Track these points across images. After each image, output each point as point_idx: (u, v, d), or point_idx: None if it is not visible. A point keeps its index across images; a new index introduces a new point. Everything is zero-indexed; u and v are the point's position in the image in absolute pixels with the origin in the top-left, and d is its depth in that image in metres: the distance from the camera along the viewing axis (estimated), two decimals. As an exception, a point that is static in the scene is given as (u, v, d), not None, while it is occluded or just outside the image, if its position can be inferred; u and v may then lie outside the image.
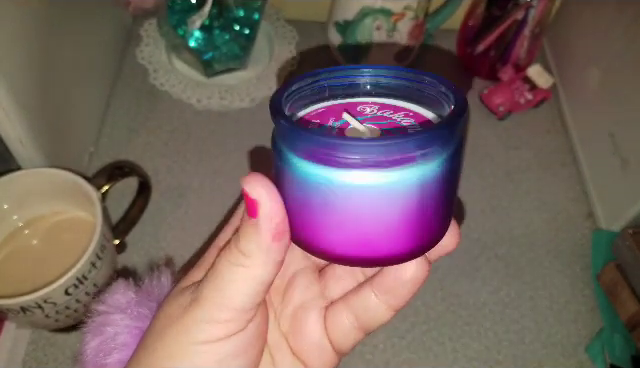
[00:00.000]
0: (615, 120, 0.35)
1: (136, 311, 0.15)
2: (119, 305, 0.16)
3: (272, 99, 0.12)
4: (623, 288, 0.29)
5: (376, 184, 0.10)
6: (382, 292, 0.13)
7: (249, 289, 0.12)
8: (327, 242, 0.11)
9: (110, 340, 0.15)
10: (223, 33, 0.39)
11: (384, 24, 0.35)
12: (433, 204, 0.11)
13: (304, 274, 0.15)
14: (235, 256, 0.12)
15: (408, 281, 0.13)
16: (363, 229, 0.11)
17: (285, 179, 0.12)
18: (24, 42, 0.25)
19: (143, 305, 0.15)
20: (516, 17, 0.38)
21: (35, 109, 0.26)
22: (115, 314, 0.15)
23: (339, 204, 0.11)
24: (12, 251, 0.27)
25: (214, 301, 0.12)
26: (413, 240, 0.11)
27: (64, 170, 0.26)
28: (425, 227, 0.11)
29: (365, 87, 0.13)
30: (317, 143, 0.10)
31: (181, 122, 0.38)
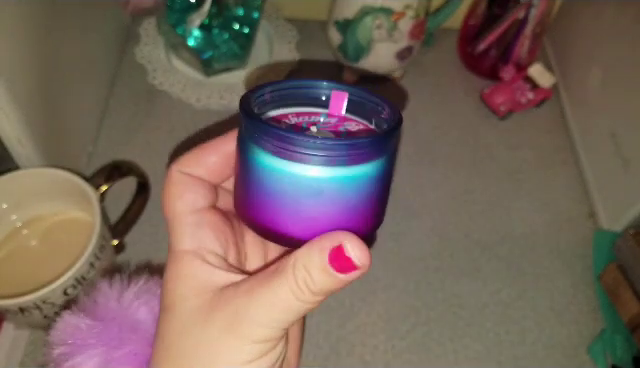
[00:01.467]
0: (616, 120, 0.34)
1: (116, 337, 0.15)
2: (85, 340, 0.15)
3: (242, 99, 0.13)
4: (625, 289, 0.29)
5: (321, 178, 0.12)
6: None
7: (298, 316, 0.12)
8: (278, 224, 0.13)
9: None
10: (222, 32, 0.39)
11: (384, 23, 0.35)
12: (368, 200, 0.13)
13: None
14: (303, 294, 0.12)
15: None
16: (310, 214, 0.12)
17: (250, 171, 0.13)
18: (23, 41, 0.25)
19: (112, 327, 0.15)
20: (517, 16, 0.38)
21: (34, 109, 0.26)
22: (89, 350, 0.15)
23: (292, 193, 0.12)
24: (11, 251, 0.26)
25: (261, 322, 0.12)
26: (357, 227, 0.13)
27: (63, 170, 0.26)
28: (361, 219, 0.13)
29: (322, 99, 0.15)
30: (280, 138, 0.12)
31: (180, 122, 0.38)
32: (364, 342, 0.29)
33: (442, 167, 0.37)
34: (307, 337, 0.29)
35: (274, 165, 0.12)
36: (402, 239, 0.33)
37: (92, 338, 0.15)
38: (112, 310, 0.16)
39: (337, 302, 0.30)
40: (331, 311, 0.30)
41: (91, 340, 0.15)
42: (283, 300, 0.12)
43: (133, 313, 0.16)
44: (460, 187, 0.36)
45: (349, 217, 0.13)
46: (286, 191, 0.12)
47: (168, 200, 0.14)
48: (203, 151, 0.14)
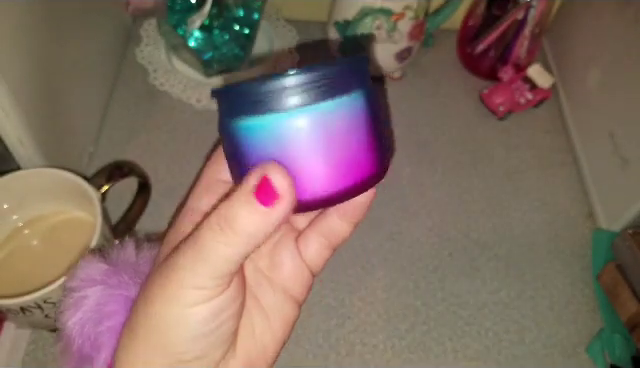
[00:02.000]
0: (615, 120, 0.35)
1: (116, 279, 0.15)
2: (93, 278, 0.16)
3: (213, 91, 0.12)
4: (623, 288, 0.29)
5: (313, 117, 0.11)
6: (342, 214, 0.15)
7: (235, 262, 0.12)
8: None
9: (94, 311, 0.15)
10: (223, 33, 0.39)
11: (384, 24, 0.35)
12: (361, 136, 0.12)
13: None
14: (226, 236, 0.12)
15: (363, 202, 0.15)
16: (324, 163, 0.11)
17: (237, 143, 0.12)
18: (24, 42, 0.25)
19: (121, 273, 0.16)
20: (516, 17, 0.38)
21: (35, 109, 0.26)
22: (93, 287, 0.15)
23: (294, 147, 0.11)
24: (12, 251, 0.27)
25: (196, 271, 0.12)
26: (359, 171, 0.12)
27: (64, 170, 0.26)
28: (358, 158, 0.12)
29: None
30: (254, 91, 0.11)
31: (181, 122, 0.38)
32: (364, 341, 0.29)
33: (441, 167, 0.37)
34: (307, 336, 0.29)
35: (256, 123, 0.11)
36: (401, 239, 0.33)
37: (99, 275, 0.16)
38: (126, 261, 0.17)
39: (337, 301, 0.30)
40: (331, 310, 0.30)
41: (97, 277, 0.16)
42: (205, 246, 0.12)
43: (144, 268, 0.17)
44: (459, 187, 0.36)
45: (344, 159, 0.11)
46: (275, 147, 0.11)
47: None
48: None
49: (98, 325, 0.15)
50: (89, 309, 0.15)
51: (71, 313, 0.15)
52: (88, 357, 0.15)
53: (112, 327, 0.15)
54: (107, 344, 0.15)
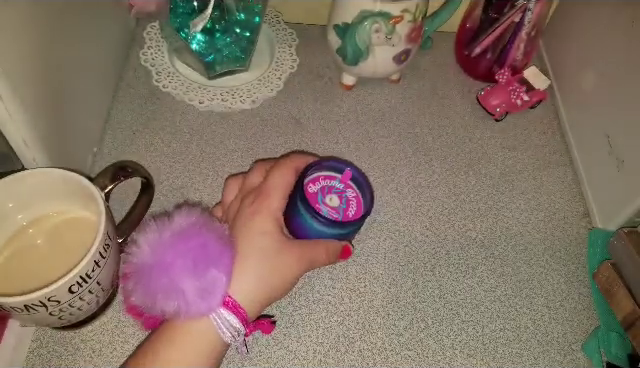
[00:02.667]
0: (611, 121, 0.35)
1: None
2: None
3: (299, 185, 0.27)
4: (619, 287, 0.30)
5: (333, 233, 0.27)
6: None
7: (320, 263, 0.27)
8: None
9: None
10: (224, 36, 0.40)
11: (383, 27, 0.35)
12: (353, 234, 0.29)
13: None
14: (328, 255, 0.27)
15: None
16: None
17: (301, 220, 0.26)
18: (28, 44, 0.26)
19: None
20: (513, 19, 0.39)
21: (39, 110, 0.27)
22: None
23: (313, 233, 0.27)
24: (16, 250, 0.27)
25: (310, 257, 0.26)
26: None
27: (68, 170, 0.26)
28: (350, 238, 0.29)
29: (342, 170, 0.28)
30: (314, 215, 0.26)
31: (183, 123, 0.38)
32: (363, 338, 0.29)
33: (439, 168, 0.38)
34: (307, 334, 0.29)
35: (313, 223, 0.26)
36: (400, 238, 0.34)
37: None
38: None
39: (337, 299, 0.31)
40: (331, 308, 0.30)
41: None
42: (321, 252, 0.26)
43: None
44: (456, 187, 0.37)
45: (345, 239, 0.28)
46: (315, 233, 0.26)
47: (283, 175, 0.26)
48: (305, 158, 0.28)
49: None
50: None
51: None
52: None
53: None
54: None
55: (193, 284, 0.21)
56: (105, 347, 0.28)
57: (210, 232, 0.23)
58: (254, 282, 0.23)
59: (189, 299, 0.21)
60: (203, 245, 0.22)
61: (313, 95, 0.41)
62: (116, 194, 0.33)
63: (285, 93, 0.40)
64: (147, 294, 0.22)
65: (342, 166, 0.28)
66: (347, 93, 0.42)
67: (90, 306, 0.25)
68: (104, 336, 0.28)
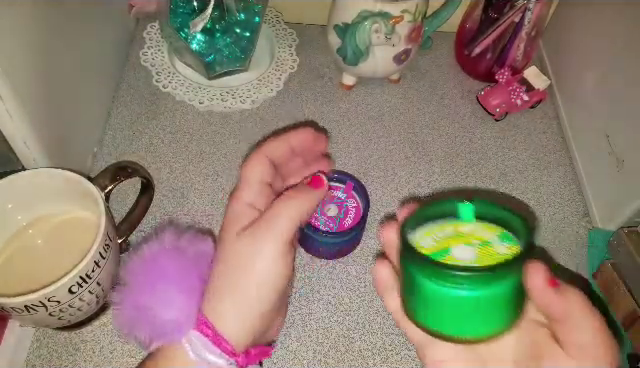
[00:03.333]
0: (610, 121, 0.35)
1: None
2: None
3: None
4: (619, 287, 0.30)
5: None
6: None
7: (307, 209, 0.21)
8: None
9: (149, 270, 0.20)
10: (224, 36, 0.40)
11: (383, 27, 0.35)
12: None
13: None
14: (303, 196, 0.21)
15: None
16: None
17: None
18: (28, 45, 0.26)
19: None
20: (513, 19, 0.39)
21: (39, 110, 0.27)
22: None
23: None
24: (16, 250, 0.27)
25: (288, 215, 0.20)
26: None
27: (68, 170, 0.26)
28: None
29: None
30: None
31: (184, 123, 0.38)
32: (363, 338, 0.29)
33: (439, 168, 0.38)
34: (307, 334, 0.29)
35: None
36: (400, 238, 0.34)
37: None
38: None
39: (337, 299, 0.31)
40: (331, 308, 0.30)
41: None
42: (275, 208, 0.20)
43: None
44: (456, 187, 0.37)
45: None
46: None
47: (250, 166, 0.21)
48: (278, 142, 0.22)
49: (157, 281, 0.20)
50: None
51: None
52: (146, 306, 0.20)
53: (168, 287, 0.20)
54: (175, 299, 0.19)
55: (158, 308, 0.19)
56: (105, 347, 0.28)
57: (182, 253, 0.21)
58: (228, 295, 0.19)
59: (156, 325, 0.19)
60: (165, 268, 0.20)
61: (313, 95, 0.41)
62: (116, 194, 0.33)
63: (285, 93, 0.40)
64: (123, 322, 0.20)
65: (343, 177, 0.27)
66: (347, 93, 0.42)
67: (90, 306, 0.25)
68: (104, 336, 0.28)
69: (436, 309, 0.16)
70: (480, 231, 0.17)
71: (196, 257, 0.21)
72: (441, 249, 0.16)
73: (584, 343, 0.15)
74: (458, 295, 0.15)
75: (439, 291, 0.15)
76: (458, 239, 0.16)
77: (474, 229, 0.17)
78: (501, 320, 0.15)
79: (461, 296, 0.15)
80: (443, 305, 0.15)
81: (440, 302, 0.15)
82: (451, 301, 0.15)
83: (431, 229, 0.17)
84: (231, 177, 0.36)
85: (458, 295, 0.15)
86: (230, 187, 0.35)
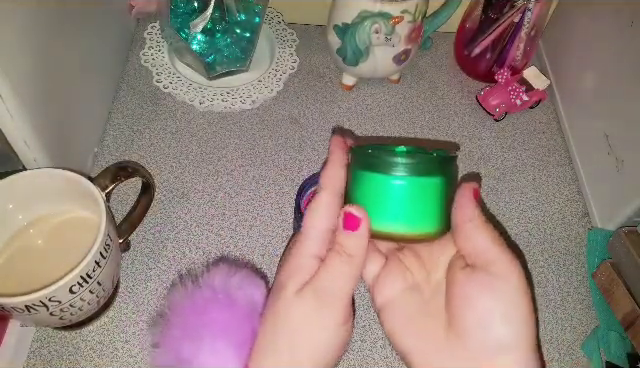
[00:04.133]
0: (610, 121, 0.35)
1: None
2: None
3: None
4: (618, 286, 0.30)
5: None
6: None
7: (352, 280, 0.18)
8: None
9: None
10: (225, 36, 0.40)
11: (382, 27, 0.35)
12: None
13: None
14: (344, 257, 0.18)
15: None
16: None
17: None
18: (29, 44, 0.26)
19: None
20: (512, 19, 0.39)
21: (40, 110, 0.27)
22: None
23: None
24: (17, 250, 0.27)
25: (332, 290, 0.18)
26: None
27: (68, 170, 0.26)
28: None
29: None
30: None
31: (184, 123, 0.38)
32: (363, 338, 0.29)
33: (439, 168, 0.38)
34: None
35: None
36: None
37: None
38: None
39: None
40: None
41: None
42: (337, 270, 0.18)
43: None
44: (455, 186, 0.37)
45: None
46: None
47: (318, 214, 0.19)
48: (337, 169, 0.19)
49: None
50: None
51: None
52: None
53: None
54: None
55: (201, 362, 0.18)
56: (106, 347, 0.28)
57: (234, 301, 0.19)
58: (278, 357, 0.17)
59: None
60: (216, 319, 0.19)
61: (313, 95, 0.41)
62: (116, 194, 0.33)
63: (285, 93, 0.40)
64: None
65: None
66: (347, 93, 0.42)
67: (91, 306, 0.25)
68: (105, 336, 0.28)
69: (374, 201, 0.18)
70: None
71: (249, 308, 0.19)
72: None
73: (483, 248, 0.17)
74: (395, 182, 0.17)
75: (379, 180, 0.17)
76: None
77: None
78: (431, 218, 0.18)
79: (398, 184, 0.17)
80: (381, 195, 0.18)
81: (379, 192, 0.18)
82: (389, 189, 0.17)
83: None
84: (231, 177, 0.36)
85: (395, 182, 0.17)
86: (230, 187, 0.35)
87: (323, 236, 0.18)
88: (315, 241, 0.18)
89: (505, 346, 0.16)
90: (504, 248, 0.17)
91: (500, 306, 0.16)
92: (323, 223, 0.18)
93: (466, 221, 0.17)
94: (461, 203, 0.18)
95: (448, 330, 0.17)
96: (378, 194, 0.18)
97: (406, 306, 0.18)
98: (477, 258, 0.17)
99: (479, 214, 0.17)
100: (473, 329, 0.16)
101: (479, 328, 0.16)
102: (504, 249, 0.17)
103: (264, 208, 0.34)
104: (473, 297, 0.16)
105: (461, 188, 0.18)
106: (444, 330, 0.17)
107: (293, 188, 0.35)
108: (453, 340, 0.17)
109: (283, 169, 0.36)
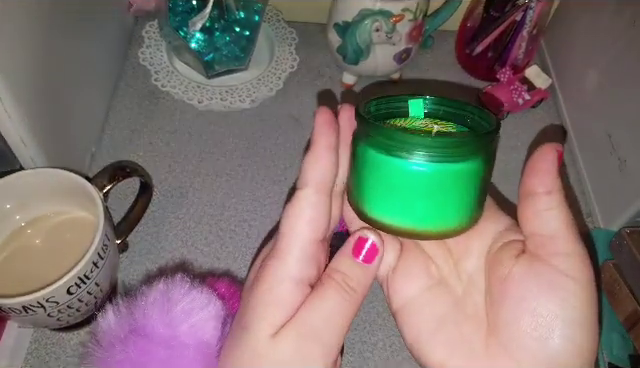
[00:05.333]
0: (613, 120, 0.35)
1: None
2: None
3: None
4: (621, 287, 0.30)
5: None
6: None
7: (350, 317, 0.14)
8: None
9: None
10: (224, 35, 0.40)
11: (383, 25, 0.35)
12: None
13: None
14: (346, 291, 0.13)
15: None
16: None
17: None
18: (26, 43, 0.26)
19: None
20: (514, 18, 0.39)
21: (37, 110, 0.27)
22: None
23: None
24: (14, 251, 0.27)
25: (323, 333, 0.13)
26: None
27: (66, 170, 0.26)
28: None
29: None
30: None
31: (182, 123, 0.38)
32: (363, 339, 0.29)
33: (440, 167, 0.37)
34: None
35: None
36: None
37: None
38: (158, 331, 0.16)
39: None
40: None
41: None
42: (335, 306, 0.13)
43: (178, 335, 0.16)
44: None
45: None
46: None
47: (294, 219, 0.13)
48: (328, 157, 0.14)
49: None
50: None
51: None
52: None
53: None
54: None
55: None
56: (104, 348, 0.28)
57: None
58: None
59: None
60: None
61: (313, 94, 0.41)
62: (114, 194, 0.33)
63: (285, 92, 0.40)
64: None
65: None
66: (347, 92, 0.41)
67: (88, 307, 0.25)
68: (103, 337, 0.28)
69: (389, 191, 0.13)
70: (432, 126, 0.15)
71: (197, 351, 0.15)
72: None
73: (554, 233, 0.13)
74: (419, 169, 0.13)
75: (396, 165, 0.13)
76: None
77: (426, 124, 0.15)
78: (464, 211, 0.13)
79: (420, 171, 0.13)
80: (398, 184, 0.13)
81: (395, 181, 0.13)
82: (408, 177, 0.13)
83: None
84: (230, 177, 0.35)
85: (419, 169, 0.13)
86: (229, 187, 0.35)
87: (307, 251, 0.13)
88: (296, 258, 0.13)
89: (565, 363, 0.12)
90: (579, 238, 0.13)
91: (566, 313, 0.12)
92: (308, 233, 0.13)
93: (542, 193, 0.13)
94: (540, 168, 0.13)
95: (489, 338, 0.13)
96: (396, 182, 0.13)
97: (433, 308, 0.14)
98: (542, 245, 0.13)
99: (560, 187, 0.13)
100: (526, 339, 0.12)
101: (534, 339, 0.12)
102: (579, 240, 0.13)
103: (263, 208, 0.34)
104: (532, 298, 0.12)
105: (543, 148, 0.13)
106: (484, 338, 0.13)
107: (293, 188, 0.35)
108: (495, 351, 0.13)
109: (283, 169, 0.36)
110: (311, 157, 0.14)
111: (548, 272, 0.13)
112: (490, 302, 0.14)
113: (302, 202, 0.13)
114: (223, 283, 0.21)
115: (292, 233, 0.13)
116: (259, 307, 0.13)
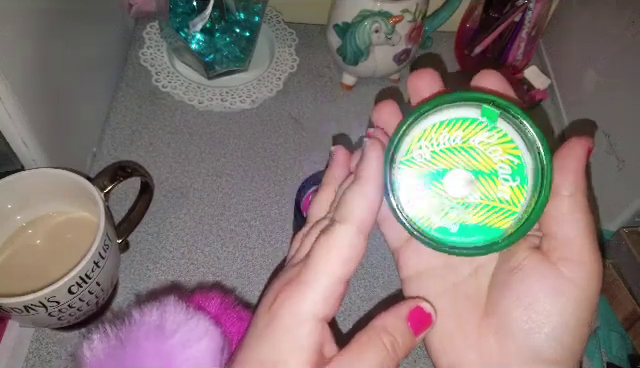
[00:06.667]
0: (611, 120, 0.35)
1: None
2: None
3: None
4: (619, 287, 0.30)
5: None
6: None
7: None
8: None
9: None
10: (224, 36, 0.40)
11: (383, 26, 0.35)
12: None
13: None
14: (393, 357, 0.13)
15: None
16: None
17: None
18: (27, 44, 0.26)
19: None
20: (513, 19, 0.39)
21: (38, 110, 0.27)
22: None
23: None
24: (16, 251, 0.27)
25: None
26: None
27: (67, 170, 0.26)
28: None
29: None
30: None
31: (183, 123, 0.38)
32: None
33: (440, 168, 0.38)
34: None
35: None
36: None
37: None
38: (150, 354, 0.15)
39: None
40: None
41: None
42: (376, 365, 0.12)
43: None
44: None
45: None
46: None
47: (327, 255, 0.12)
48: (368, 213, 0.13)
49: None
50: None
51: None
52: None
53: None
54: None
55: None
56: (105, 348, 0.28)
57: None
58: None
59: None
60: None
61: (313, 95, 0.41)
62: (115, 194, 0.33)
63: (285, 93, 0.40)
64: None
65: None
66: (347, 93, 0.41)
67: (89, 307, 0.25)
68: (104, 337, 0.28)
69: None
70: (492, 150, 0.14)
71: None
72: (435, 170, 0.14)
73: (571, 237, 0.13)
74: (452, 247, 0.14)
75: None
76: (460, 157, 0.14)
77: (487, 144, 0.14)
78: None
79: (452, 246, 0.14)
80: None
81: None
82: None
83: (438, 128, 0.15)
84: (231, 177, 0.36)
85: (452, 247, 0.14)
86: (230, 187, 0.35)
87: (335, 291, 0.12)
88: (322, 297, 0.12)
89: (548, 360, 0.12)
90: (595, 247, 0.13)
91: (562, 318, 0.12)
92: (340, 273, 0.12)
93: (565, 194, 0.13)
94: (566, 166, 0.13)
95: (482, 319, 0.13)
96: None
97: (435, 284, 0.15)
98: (556, 248, 0.13)
99: (583, 189, 0.13)
100: (516, 328, 0.13)
101: (523, 330, 0.13)
102: (594, 249, 0.13)
103: (264, 208, 0.34)
104: (532, 295, 0.13)
105: (571, 143, 0.13)
106: (478, 318, 0.14)
107: (293, 188, 0.35)
108: (485, 332, 0.13)
109: (283, 169, 0.36)
110: (358, 192, 0.13)
111: (555, 276, 0.13)
112: (492, 287, 0.14)
113: (341, 240, 0.12)
114: (214, 302, 0.19)
115: (323, 269, 0.12)
116: (279, 352, 0.12)
